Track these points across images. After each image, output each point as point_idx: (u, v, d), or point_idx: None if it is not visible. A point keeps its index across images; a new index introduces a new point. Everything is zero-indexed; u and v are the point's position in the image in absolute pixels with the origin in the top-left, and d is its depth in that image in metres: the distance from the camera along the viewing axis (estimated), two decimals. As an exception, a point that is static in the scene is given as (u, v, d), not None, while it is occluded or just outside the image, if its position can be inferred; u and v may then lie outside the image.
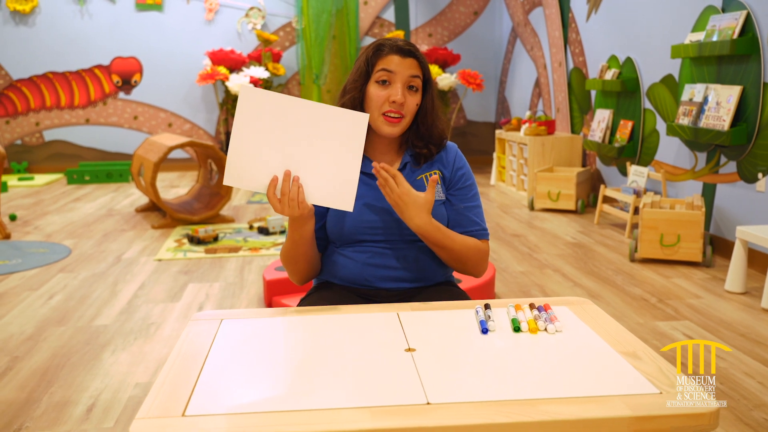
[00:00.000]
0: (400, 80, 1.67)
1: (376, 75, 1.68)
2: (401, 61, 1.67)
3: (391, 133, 1.70)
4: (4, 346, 2.77)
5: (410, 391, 1.12)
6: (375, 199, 1.73)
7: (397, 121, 1.68)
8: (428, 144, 1.76)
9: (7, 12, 7.88)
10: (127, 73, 8.14)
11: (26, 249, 4.41)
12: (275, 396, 1.13)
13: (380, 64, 1.68)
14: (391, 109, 1.67)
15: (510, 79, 8.06)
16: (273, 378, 1.19)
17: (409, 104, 1.69)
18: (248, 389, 1.16)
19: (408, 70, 1.67)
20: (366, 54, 1.72)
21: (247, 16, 8.10)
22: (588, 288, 3.48)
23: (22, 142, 8.17)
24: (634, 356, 1.25)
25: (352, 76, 1.74)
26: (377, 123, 1.70)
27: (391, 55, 1.68)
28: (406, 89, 1.68)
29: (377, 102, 1.68)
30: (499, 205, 5.92)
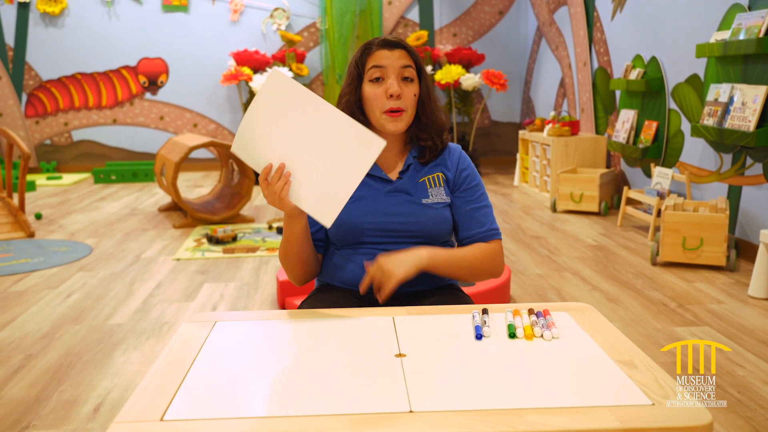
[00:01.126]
0: (392, 72, 1.65)
1: (368, 74, 1.67)
2: (390, 54, 1.65)
3: (396, 129, 1.68)
4: (20, 344, 2.81)
5: (394, 398, 1.10)
6: (376, 201, 1.71)
7: (399, 115, 1.66)
8: (432, 135, 1.73)
9: (37, 14, 8.01)
10: (153, 74, 8.23)
11: (49, 247, 4.47)
12: (257, 402, 1.11)
13: (370, 62, 1.67)
14: (392, 106, 1.65)
15: (535, 79, 7.97)
16: (258, 383, 1.17)
17: (407, 95, 1.66)
18: (231, 394, 1.14)
19: (398, 61, 1.65)
20: (355, 57, 1.71)
21: (272, 17, 8.13)
22: (606, 292, 3.41)
23: (51, 142, 8.30)
24: (631, 365, 1.21)
25: (345, 81, 1.74)
26: (381, 122, 1.68)
27: (379, 51, 1.66)
28: (401, 81, 1.66)
29: (376, 101, 1.66)
30: (522, 206, 5.85)
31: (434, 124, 1.74)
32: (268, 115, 1.45)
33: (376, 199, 1.71)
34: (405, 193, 1.72)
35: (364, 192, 1.72)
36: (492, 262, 1.73)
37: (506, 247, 4.34)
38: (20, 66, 8.10)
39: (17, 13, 8.00)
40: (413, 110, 1.70)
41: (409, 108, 1.68)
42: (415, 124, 1.73)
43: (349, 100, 1.71)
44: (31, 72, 8.14)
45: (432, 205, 1.71)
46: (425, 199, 1.72)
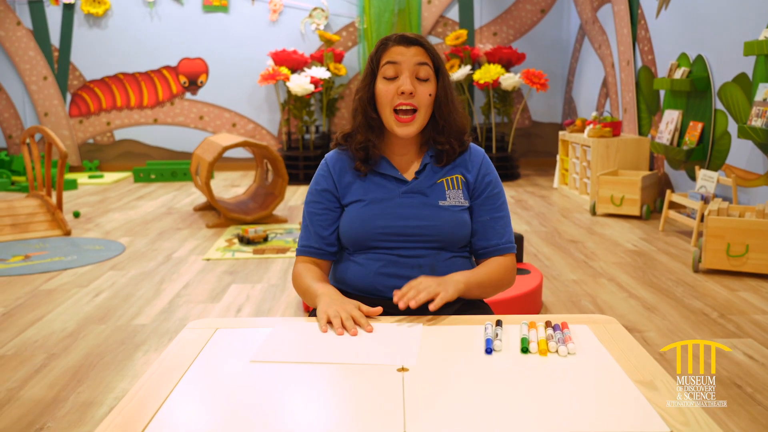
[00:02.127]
0: (406, 69, 1.57)
1: (382, 70, 1.60)
2: (405, 50, 1.58)
3: (405, 134, 1.61)
4: (44, 342, 2.81)
5: (389, 417, 1.02)
6: (390, 204, 1.63)
7: (409, 120, 1.59)
8: (449, 139, 1.65)
9: (81, 15, 8.14)
10: (193, 74, 8.29)
11: (83, 246, 4.51)
12: (244, 416, 1.05)
13: (385, 58, 1.60)
14: (401, 102, 1.57)
15: (577, 78, 7.79)
16: (249, 396, 1.11)
17: (421, 94, 1.58)
18: (218, 407, 1.08)
19: (414, 58, 1.58)
20: (371, 53, 1.64)
21: (311, 17, 8.12)
22: (643, 299, 3.27)
23: (94, 141, 8.43)
24: (651, 386, 1.11)
25: (361, 77, 1.67)
26: (390, 123, 1.61)
27: (395, 47, 1.59)
28: (415, 79, 1.58)
29: (386, 97, 1.59)
30: (560, 209, 5.71)
31: (452, 128, 1.65)
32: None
33: (390, 202, 1.64)
34: (421, 194, 1.64)
35: (377, 193, 1.65)
36: (509, 277, 1.68)
37: (541, 252, 4.22)
38: (65, 66, 8.25)
39: (62, 14, 8.15)
40: (427, 111, 1.62)
41: (422, 108, 1.60)
42: (431, 127, 1.66)
43: (361, 96, 1.65)
44: (75, 72, 8.28)
45: (449, 207, 1.63)
46: (442, 201, 1.64)
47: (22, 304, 3.30)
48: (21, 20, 8.12)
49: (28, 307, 3.26)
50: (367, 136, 1.65)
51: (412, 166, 1.69)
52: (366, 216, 1.63)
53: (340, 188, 1.68)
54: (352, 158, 1.68)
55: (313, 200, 1.71)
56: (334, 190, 1.68)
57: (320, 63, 7.77)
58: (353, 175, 1.68)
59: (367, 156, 1.66)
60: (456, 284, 1.50)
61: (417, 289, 1.44)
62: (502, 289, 1.66)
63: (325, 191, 1.69)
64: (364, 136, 1.65)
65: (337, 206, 1.69)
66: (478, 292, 1.60)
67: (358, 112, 1.66)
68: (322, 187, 1.69)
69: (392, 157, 1.69)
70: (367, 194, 1.65)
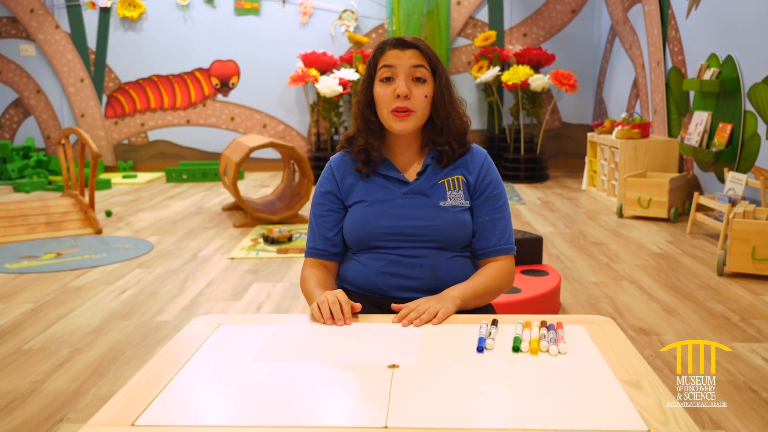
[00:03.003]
0: (402, 72, 1.60)
1: (378, 74, 1.63)
2: (401, 54, 1.61)
3: (402, 130, 1.63)
4: (69, 337, 2.90)
5: (373, 412, 1.05)
6: (391, 204, 1.66)
7: (405, 116, 1.61)
8: (448, 140, 1.67)
9: (117, 18, 8.32)
10: (225, 76, 8.41)
11: (113, 244, 4.62)
12: (233, 411, 1.08)
13: (381, 62, 1.63)
14: (398, 105, 1.60)
15: (608, 79, 7.72)
16: (242, 391, 1.15)
17: (417, 96, 1.61)
18: (211, 401, 1.12)
19: (409, 61, 1.60)
20: (369, 57, 1.68)
21: (341, 19, 8.17)
22: (664, 303, 3.24)
23: (128, 141, 8.60)
24: (636, 386, 1.12)
25: (360, 82, 1.70)
26: (388, 122, 1.64)
27: (391, 50, 1.62)
28: (411, 81, 1.61)
29: (384, 100, 1.62)
30: (587, 211, 5.66)
31: (450, 128, 1.67)
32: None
33: (391, 202, 1.67)
34: (422, 194, 1.67)
35: (378, 194, 1.68)
36: (507, 279, 1.69)
37: (564, 253, 4.21)
38: (101, 69, 8.43)
39: (99, 17, 8.33)
40: (424, 112, 1.64)
41: (418, 109, 1.62)
42: (429, 127, 1.68)
43: (360, 101, 1.68)
44: (111, 74, 8.46)
45: (449, 207, 1.65)
46: (442, 202, 1.66)
47: (50, 300, 3.40)
48: (59, 24, 8.32)
49: (56, 303, 3.36)
50: (368, 139, 1.68)
51: (413, 167, 1.71)
52: (368, 216, 1.66)
53: (343, 190, 1.72)
54: (355, 160, 1.71)
55: (317, 202, 1.75)
56: (337, 192, 1.72)
57: (349, 65, 7.83)
58: (356, 176, 1.71)
59: (368, 158, 1.69)
60: (453, 300, 1.52)
61: (417, 311, 1.45)
62: (501, 292, 1.68)
63: (329, 193, 1.72)
64: (365, 139, 1.68)
65: (340, 207, 1.72)
66: (476, 302, 1.61)
67: (358, 116, 1.70)
68: (325, 189, 1.73)
69: (394, 159, 1.72)
70: (369, 195, 1.68)
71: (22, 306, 3.32)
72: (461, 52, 8.26)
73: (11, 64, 8.47)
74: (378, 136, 1.69)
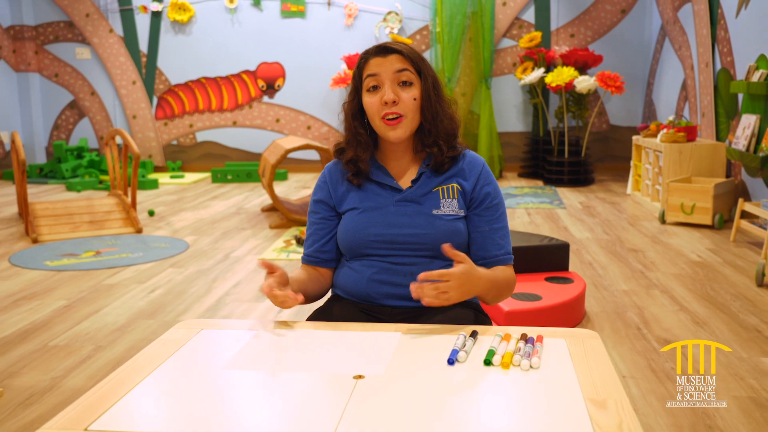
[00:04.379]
0: (387, 79, 1.59)
1: (365, 84, 1.62)
2: (383, 61, 1.60)
3: (396, 137, 1.62)
4: (95, 335, 2.97)
5: (324, 422, 1.04)
6: (383, 212, 1.65)
7: (396, 123, 1.60)
8: (437, 141, 1.65)
9: (167, 22, 8.51)
10: (271, 78, 8.52)
11: (150, 243, 4.72)
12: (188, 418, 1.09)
13: (365, 71, 1.62)
14: (387, 112, 1.59)
15: (657, 81, 7.51)
16: (200, 399, 1.15)
17: (405, 100, 1.59)
18: (167, 409, 1.13)
19: (392, 66, 1.59)
20: (354, 69, 1.67)
21: (385, 21, 8.18)
22: (695, 313, 3.13)
23: (177, 142, 8.79)
24: (602, 406, 1.08)
25: (348, 93, 1.70)
26: (382, 131, 1.63)
27: (373, 59, 1.61)
28: (397, 86, 1.59)
29: (373, 109, 1.61)
30: (629, 216, 5.52)
31: (439, 129, 1.65)
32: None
33: (383, 210, 1.65)
34: (414, 202, 1.65)
35: (372, 202, 1.67)
36: (510, 287, 1.67)
37: (597, 260, 4.11)
38: (152, 71, 8.65)
39: (150, 21, 8.55)
40: (415, 115, 1.62)
41: (408, 113, 1.61)
42: (419, 132, 1.66)
43: (347, 112, 1.69)
44: (161, 77, 8.67)
45: (442, 216, 1.63)
46: (435, 210, 1.64)
47: (83, 298, 3.50)
48: (113, 28, 8.57)
49: (88, 300, 3.45)
50: (356, 152, 1.67)
51: (408, 175, 1.70)
52: (360, 224, 1.65)
53: (336, 197, 1.71)
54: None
55: (311, 210, 1.76)
56: (329, 200, 1.72)
57: (393, 66, 7.81)
58: (349, 183, 1.71)
59: (357, 169, 1.68)
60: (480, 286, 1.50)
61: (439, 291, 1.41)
62: (503, 298, 1.65)
63: (320, 201, 1.73)
64: (353, 152, 1.67)
65: (332, 215, 1.72)
66: (490, 296, 1.59)
67: (347, 128, 1.69)
68: (317, 197, 1.74)
69: (389, 166, 1.71)
70: (362, 202, 1.68)
71: (56, 303, 3.42)
72: (506, 54, 8.17)
73: (68, 67, 8.76)
74: (366, 147, 1.68)
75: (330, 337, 1.42)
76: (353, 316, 1.66)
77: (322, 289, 1.73)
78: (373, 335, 1.41)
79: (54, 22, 8.68)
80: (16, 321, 3.16)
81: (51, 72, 8.79)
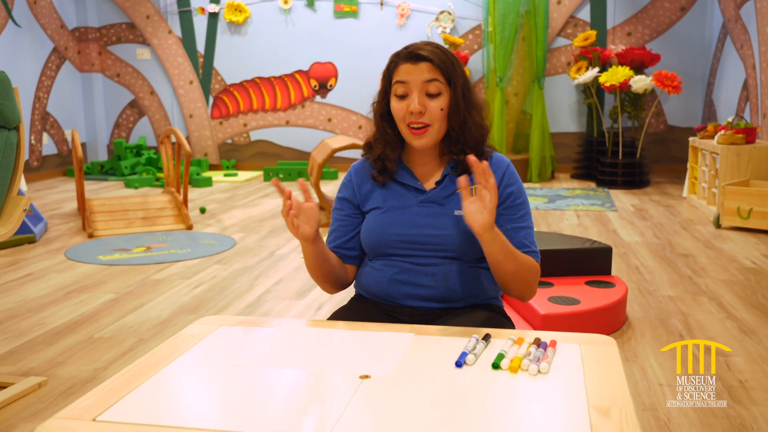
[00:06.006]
0: (415, 89, 1.58)
1: (393, 89, 1.62)
2: (413, 69, 1.58)
3: (420, 146, 1.62)
4: (139, 328, 3.06)
5: (322, 421, 1.05)
6: (406, 212, 1.65)
7: (421, 132, 1.60)
8: (464, 148, 1.64)
9: (224, 23, 8.69)
10: (323, 78, 8.60)
11: (199, 240, 4.83)
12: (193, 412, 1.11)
13: (395, 77, 1.62)
14: (412, 121, 1.59)
15: (718, 80, 7.28)
16: (207, 394, 1.18)
17: (432, 110, 1.59)
18: (177, 402, 1.16)
19: (421, 76, 1.58)
20: (384, 69, 1.67)
21: (437, 20, 8.16)
22: (742, 322, 3.03)
23: (231, 141, 8.96)
24: (605, 414, 1.06)
25: (378, 92, 1.71)
26: (407, 137, 1.64)
27: (403, 65, 1.60)
28: (425, 96, 1.58)
29: (400, 115, 1.62)
30: (683, 220, 5.37)
31: (467, 137, 1.64)
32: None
33: (406, 210, 1.66)
34: (437, 204, 1.65)
35: (395, 202, 1.67)
36: (532, 280, 1.61)
37: (644, 264, 4.01)
38: (209, 71, 8.84)
39: (208, 22, 8.73)
40: (441, 124, 1.62)
41: (435, 122, 1.60)
42: (446, 138, 1.65)
43: (376, 111, 1.70)
44: (217, 77, 8.85)
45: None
46: (458, 212, 1.63)
47: (130, 292, 3.60)
48: (172, 29, 8.79)
49: (135, 294, 3.56)
50: (384, 150, 1.68)
51: (433, 176, 1.69)
52: (382, 223, 1.66)
53: (360, 196, 1.72)
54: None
55: (336, 207, 1.77)
56: (353, 198, 1.73)
57: (444, 66, 7.78)
58: (374, 183, 1.71)
59: (384, 167, 1.69)
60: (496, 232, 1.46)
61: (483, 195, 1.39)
62: (524, 291, 1.60)
63: (345, 199, 1.74)
64: (381, 149, 1.69)
65: (356, 213, 1.73)
66: (504, 260, 1.51)
67: (375, 126, 1.70)
68: (342, 194, 1.75)
69: (414, 167, 1.71)
70: (385, 202, 1.69)
71: (104, 296, 3.54)
72: (560, 53, 8.04)
73: (129, 67, 9.03)
74: (394, 147, 1.69)
75: (343, 336, 1.43)
76: (374, 316, 1.67)
77: (346, 278, 1.74)
78: (386, 335, 1.41)
79: (116, 23, 8.95)
80: (66, 313, 3.27)
81: (113, 72, 9.08)
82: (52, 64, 8.48)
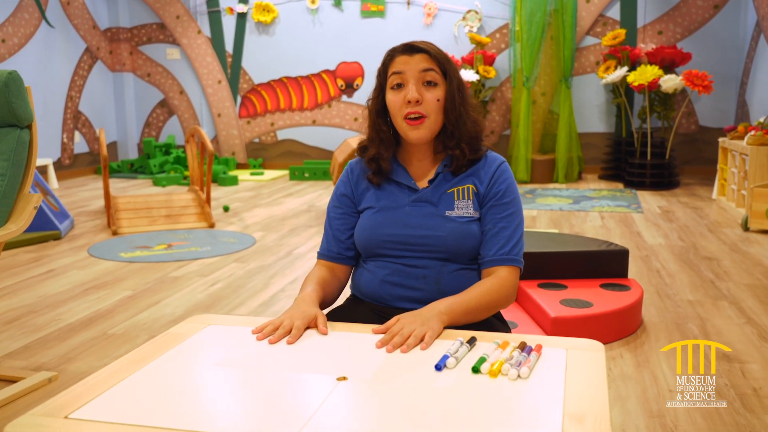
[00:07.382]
0: (411, 78, 1.57)
1: (389, 81, 1.61)
2: (409, 59, 1.58)
3: (418, 138, 1.60)
4: (152, 325, 3.09)
5: (292, 422, 1.04)
6: (397, 212, 1.64)
7: (418, 123, 1.58)
8: (459, 144, 1.62)
9: (252, 23, 8.75)
10: (350, 78, 8.61)
11: (220, 238, 4.87)
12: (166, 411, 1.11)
13: (390, 69, 1.60)
14: (410, 111, 1.57)
15: (751, 80, 7.11)
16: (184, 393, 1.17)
17: (429, 100, 1.57)
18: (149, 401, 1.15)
19: (418, 65, 1.57)
20: (380, 66, 1.65)
21: (464, 19, 8.11)
22: (763, 327, 2.94)
23: (259, 140, 9.03)
24: (579, 421, 1.04)
25: (372, 90, 1.69)
26: (403, 130, 1.61)
27: (399, 57, 1.59)
28: (422, 85, 1.57)
29: (396, 107, 1.60)
30: (710, 222, 5.25)
31: (462, 132, 1.62)
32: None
33: (398, 210, 1.64)
34: (429, 203, 1.63)
35: (388, 201, 1.66)
36: (506, 294, 1.57)
37: (666, 267, 3.93)
38: (237, 71, 8.91)
39: (236, 22, 8.81)
40: (437, 116, 1.60)
41: (431, 114, 1.58)
42: (442, 131, 1.63)
43: (371, 109, 1.68)
44: (245, 76, 8.91)
45: (455, 218, 1.60)
46: (449, 212, 1.61)
47: (147, 289, 3.64)
48: (201, 29, 8.88)
49: (151, 291, 3.59)
50: (378, 149, 1.66)
51: (427, 175, 1.67)
52: (374, 223, 1.65)
53: (357, 194, 1.71)
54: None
55: (333, 205, 1.75)
56: (351, 195, 1.72)
57: (470, 65, 7.75)
58: (369, 182, 1.70)
59: (378, 168, 1.67)
60: (439, 317, 1.43)
61: (402, 335, 1.35)
62: (499, 308, 1.59)
63: (344, 196, 1.73)
64: (375, 149, 1.67)
65: (354, 211, 1.72)
66: (467, 318, 1.50)
67: (370, 126, 1.69)
68: (341, 192, 1.74)
69: (410, 166, 1.69)
70: (378, 202, 1.67)
71: (122, 293, 3.58)
72: (589, 52, 7.93)
73: (159, 67, 9.15)
74: (389, 146, 1.67)
75: (327, 337, 1.42)
76: (366, 317, 1.66)
77: (335, 293, 1.72)
78: (371, 337, 1.40)
79: (147, 24, 9.08)
80: (82, 309, 3.32)
81: (144, 72, 9.21)
82: (84, 64, 8.63)
